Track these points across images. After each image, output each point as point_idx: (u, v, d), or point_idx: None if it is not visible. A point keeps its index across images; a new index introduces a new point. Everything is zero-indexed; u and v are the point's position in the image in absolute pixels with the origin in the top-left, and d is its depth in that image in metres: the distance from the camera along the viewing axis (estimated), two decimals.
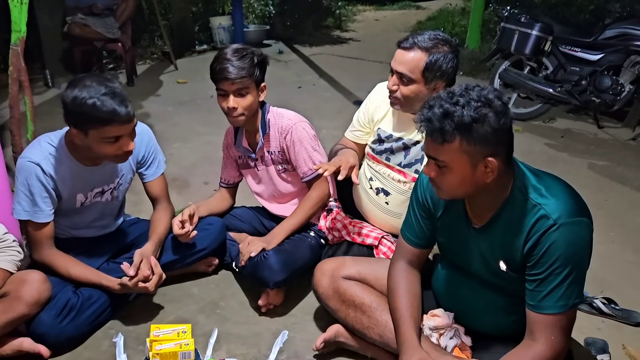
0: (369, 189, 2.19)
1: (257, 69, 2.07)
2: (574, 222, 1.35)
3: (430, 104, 1.37)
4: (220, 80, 2.05)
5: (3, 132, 2.46)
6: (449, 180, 1.40)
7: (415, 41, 1.90)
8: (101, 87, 1.76)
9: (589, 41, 4.26)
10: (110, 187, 2.11)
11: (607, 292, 2.26)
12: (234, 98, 2.06)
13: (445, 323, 1.66)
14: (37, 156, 1.90)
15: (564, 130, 4.54)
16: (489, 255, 1.51)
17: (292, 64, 6.96)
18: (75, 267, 1.98)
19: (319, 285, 1.88)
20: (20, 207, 1.92)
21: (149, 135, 2.20)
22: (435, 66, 1.88)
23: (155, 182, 2.22)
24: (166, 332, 1.82)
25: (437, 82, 1.91)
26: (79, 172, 1.98)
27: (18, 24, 2.49)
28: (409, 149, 2.05)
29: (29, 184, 1.89)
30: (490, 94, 1.35)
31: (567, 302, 1.37)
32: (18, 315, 1.77)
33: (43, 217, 1.93)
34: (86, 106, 1.74)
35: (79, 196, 2.03)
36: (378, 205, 2.16)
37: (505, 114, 1.34)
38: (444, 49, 1.89)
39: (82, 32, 5.28)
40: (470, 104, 1.32)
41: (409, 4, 12.90)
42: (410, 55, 1.90)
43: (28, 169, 1.89)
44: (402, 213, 2.08)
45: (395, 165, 2.08)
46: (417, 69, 1.89)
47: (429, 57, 1.87)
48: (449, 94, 1.37)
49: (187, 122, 4.56)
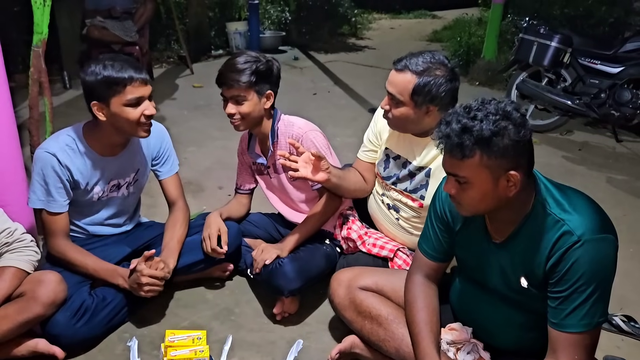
0: (381, 203, 2.18)
1: (254, 77, 2.05)
2: (598, 238, 1.32)
3: (447, 120, 1.36)
4: (220, 86, 2.10)
5: (22, 131, 2.47)
6: (471, 196, 1.38)
7: (407, 63, 1.85)
8: (113, 59, 1.89)
9: (609, 54, 4.21)
10: (126, 181, 2.14)
11: (626, 310, 2.23)
12: (230, 104, 2.09)
13: (463, 337, 1.64)
14: (54, 147, 1.95)
15: (581, 143, 4.49)
16: (510, 271, 1.48)
17: (308, 71, 6.97)
18: (91, 258, 2.00)
19: (335, 295, 1.87)
20: (35, 196, 1.96)
21: (163, 132, 2.25)
22: (424, 90, 1.82)
23: (171, 181, 2.26)
24: (181, 338, 1.81)
25: (429, 106, 1.86)
26: (95, 162, 2.01)
27: (40, 25, 2.51)
28: (414, 175, 2.02)
29: (44, 174, 1.93)
30: (508, 106, 1.34)
31: (591, 321, 1.34)
32: (34, 316, 1.78)
33: (57, 207, 1.97)
34: (105, 73, 1.85)
35: (96, 188, 2.06)
36: (389, 219, 2.15)
37: (524, 126, 1.32)
38: (437, 73, 1.83)
39: (101, 35, 5.33)
40: (488, 117, 1.30)
41: (424, 12, 12.90)
42: (400, 77, 1.86)
43: (44, 159, 1.93)
44: (413, 230, 2.08)
45: (403, 190, 2.06)
46: (406, 91, 1.84)
47: (418, 80, 1.82)
48: (465, 108, 1.36)
49: (202, 127, 4.59)
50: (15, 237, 1.85)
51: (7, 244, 1.84)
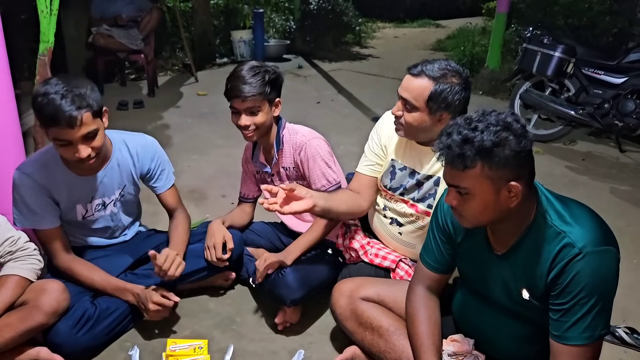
0: (383, 217, 2.16)
1: (268, 87, 2.06)
2: (600, 251, 1.32)
3: (448, 131, 1.36)
4: (232, 99, 2.07)
5: (27, 138, 2.48)
6: (472, 207, 1.38)
7: (424, 69, 1.84)
8: (59, 86, 1.73)
9: (613, 64, 4.21)
10: (112, 199, 2.10)
11: (629, 322, 2.21)
12: (245, 116, 2.08)
13: (465, 349, 1.63)
14: (30, 167, 1.92)
15: (585, 153, 4.48)
16: (511, 282, 1.48)
17: (312, 79, 6.99)
18: (97, 272, 1.99)
19: (337, 306, 1.87)
20: (21, 217, 1.94)
21: (153, 147, 2.19)
22: (440, 97, 1.81)
23: (168, 193, 2.24)
24: (182, 347, 1.81)
25: (443, 113, 1.84)
26: (73, 181, 1.98)
27: (47, 34, 2.53)
28: (421, 184, 2.01)
29: (22, 194, 1.91)
30: (508, 117, 1.34)
31: (592, 334, 1.34)
32: (36, 324, 1.78)
33: (46, 223, 1.95)
34: (37, 103, 1.73)
35: (78, 207, 2.03)
36: (391, 234, 2.14)
37: (525, 137, 1.32)
38: (453, 80, 1.82)
39: (106, 43, 5.37)
40: (489, 128, 1.31)
41: (428, 22, 12.93)
42: (416, 82, 1.84)
43: (20, 181, 1.90)
44: (415, 244, 2.06)
45: (410, 199, 2.05)
46: (422, 97, 1.83)
47: (435, 86, 1.81)
48: (466, 120, 1.36)
49: (206, 134, 4.60)
50: (19, 246, 1.86)
51: (11, 253, 1.85)
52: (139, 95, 5.74)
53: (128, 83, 6.25)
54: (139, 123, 4.71)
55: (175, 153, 4.08)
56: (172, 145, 4.33)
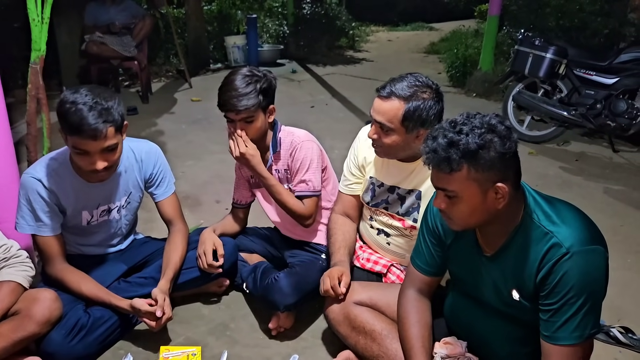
0: (370, 228, 2.16)
1: (261, 96, 2.06)
2: (587, 250, 1.33)
3: (433, 135, 1.37)
4: (226, 111, 2.07)
5: (19, 147, 2.48)
6: (460, 209, 1.39)
7: (392, 90, 1.79)
8: (88, 97, 1.75)
9: (604, 65, 4.24)
10: (116, 205, 2.11)
11: (624, 321, 2.21)
12: (240, 126, 2.08)
13: (457, 351, 1.63)
14: (40, 172, 1.92)
15: (578, 154, 4.50)
16: (501, 283, 1.48)
17: (305, 84, 7.00)
18: (87, 284, 1.98)
19: (330, 311, 1.87)
20: (24, 222, 1.94)
21: (157, 154, 2.20)
22: (414, 115, 1.78)
23: (167, 202, 2.21)
24: (175, 354, 1.81)
25: (419, 130, 1.81)
26: (81, 188, 1.98)
27: (38, 42, 2.53)
28: (404, 199, 2.00)
29: (30, 199, 1.91)
30: (493, 119, 1.35)
31: (582, 333, 1.34)
32: (28, 334, 1.77)
33: (47, 230, 1.95)
34: (63, 110, 1.75)
35: (84, 213, 2.03)
36: (379, 244, 2.13)
37: (509, 138, 1.34)
38: (424, 96, 1.79)
39: (100, 50, 5.36)
40: (474, 131, 1.32)
41: (422, 25, 12.99)
42: (387, 105, 1.80)
43: (29, 185, 1.91)
44: (404, 253, 2.06)
45: (395, 213, 2.04)
46: (396, 118, 1.79)
47: (407, 105, 1.77)
48: (451, 123, 1.37)
49: (200, 140, 4.60)
50: (12, 253, 1.86)
51: (5, 260, 1.85)
52: (133, 101, 5.73)
53: (122, 90, 6.24)
54: (133, 130, 4.66)
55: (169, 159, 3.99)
56: (166, 151, 4.26)
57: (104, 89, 1.86)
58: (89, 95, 1.75)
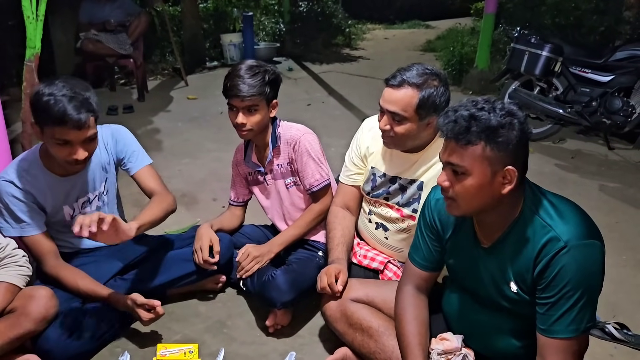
0: (368, 222, 2.16)
1: (268, 87, 2.08)
2: (585, 244, 1.33)
3: (455, 108, 1.38)
4: (231, 97, 2.07)
5: (14, 145, 2.47)
6: (466, 188, 1.38)
7: (404, 78, 1.80)
8: (66, 88, 1.76)
9: (600, 63, 4.25)
10: (95, 194, 2.10)
11: (619, 317, 2.23)
12: (242, 114, 2.08)
13: (454, 347, 1.63)
14: (11, 174, 1.91)
15: (574, 151, 4.52)
16: (499, 276, 1.49)
17: (302, 82, 7.00)
18: (83, 279, 1.98)
19: (327, 308, 1.87)
20: (8, 225, 1.93)
21: (120, 132, 2.16)
22: (428, 102, 1.80)
23: (144, 173, 2.15)
24: (173, 351, 1.81)
25: (431, 117, 1.83)
26: (55, 183, 1.97)
27: (33, 40, 2.53)
28: (405, 189, 2.01)
29: (6, 202, 1.90)
30: (513, 106, 1.38)
31: (578, 327, 1.35)
32: (25, 332, 1.77)
33: (32, 229, 1.94)
34: (41, 102, 1.75)
35: (65, 208, 2.03)
36: (377, 238, 2.14)
37: (527, 124, 1.36)
38: (434, 83, 1.81)
39: (95, 48, 5.35)
40: (495, 110, 1.34)
41: (418, 23, 12.98)
42: (400, 93, 1.81)
43: (2, 188, 1.90)
44: (402, 247, 2.07)
45: (394, 204, 2.04)
46: (410, 106, 1.80)
47: (421, 93, 1.79)
48: (472, 102, 1.38)
49: (197, 138, 4.59)
50: (7, 253, 1.85)
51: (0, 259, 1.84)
52: (129, 100, 5.72)
53: (117, 88, 6.22)
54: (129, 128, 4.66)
55: (165, 157, 4.07)
56: (162, 149, 4.32)
57: (77, 80, 1.87)
58: (66, 87, 1.77)
